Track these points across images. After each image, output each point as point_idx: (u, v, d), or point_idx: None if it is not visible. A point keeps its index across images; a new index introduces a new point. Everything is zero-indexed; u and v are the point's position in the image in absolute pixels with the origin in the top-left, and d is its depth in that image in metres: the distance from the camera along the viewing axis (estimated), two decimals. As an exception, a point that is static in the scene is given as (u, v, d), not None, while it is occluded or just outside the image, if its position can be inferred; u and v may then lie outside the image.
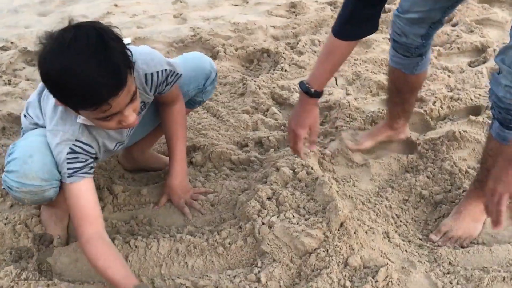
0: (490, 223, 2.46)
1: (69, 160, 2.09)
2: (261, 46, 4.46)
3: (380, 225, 2.49)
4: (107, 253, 2.10)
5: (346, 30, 2.31)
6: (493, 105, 2.23)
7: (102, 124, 1.95)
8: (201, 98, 2.77)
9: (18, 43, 4.64)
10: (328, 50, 2.42)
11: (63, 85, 1.77)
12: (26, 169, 2.08)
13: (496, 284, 2.17)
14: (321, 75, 2.46)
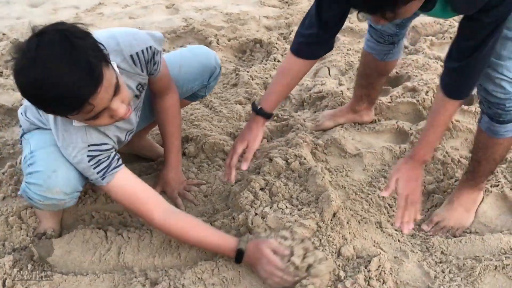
0: (482, 213, 2.50)
1: (93, 165, 2.06)
2: (254, 36, 4.45)
3: (372, 215, 2.50)
4: (189, 223, 2.20)
5: (305, 49, 2.37)
6: (482, 100, 2.24)
7: (95, 123, 1.90)
8: (203, 93, 2.78)
9: (9, 34, 4.62)
10: (282, 69, 2.47)
11: (40, 96, 1.72)
12: (50, 184, 2.05)
13: (488, 273, 2.18)
14: (271, 95, 2.48)
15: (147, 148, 2.95)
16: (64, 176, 2.07)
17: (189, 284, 2.11)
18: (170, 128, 2.59)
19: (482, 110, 2.29)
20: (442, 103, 2.20)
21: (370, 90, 3.10)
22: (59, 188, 2.06)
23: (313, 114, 3.41)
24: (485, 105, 2.24)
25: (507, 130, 2.26)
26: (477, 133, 2.42)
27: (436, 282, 2.16)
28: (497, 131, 2.27)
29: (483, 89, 2.18)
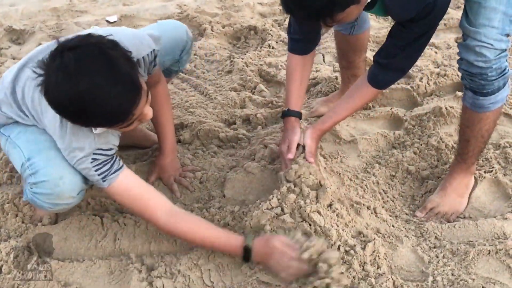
0: (476, 198, 2.51)
1: (95, 167, 2.04)
2: (248, 23, 4.44)
3: (367, 200, 2.51)
4: (193, 223, 2.17)
5: (297, 47, 2.59)
6: (464, 74, 2.28)
7: (124, 129, 1.93)
8: (177, 68, 2.76)
9: (3, 21, 4.59)
10: (289, 70, 2.64)
11: (83, 112, 1.72)
12: (59, 192, 2.05)
13: (481, 258, 2.20)
14: (291, 95, 2.63)
15: (141, 137, 2.95)
16: (71, 182, 2.07)
17: (185, 270, 2.13)
18: (161, 116, 2.58)
19: (465, 85, 2.33)
20: (363, 87, 2.48)
21: (353, 70, 3.13)
22: (69, 194, 2.08)
23: (307, 100, 3.42)
24: (468, 79, 2.27)
25: (491, 102, 2.28)
26: (463, 111, 2.44)
27: (430, 266, 2.18)
28: (481, 104, 2.29)
29: (465, 61, 2.21)
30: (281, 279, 2.09)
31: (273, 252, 2.07)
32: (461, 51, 2.22)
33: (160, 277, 2.09)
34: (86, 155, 2.01)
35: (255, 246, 2.10)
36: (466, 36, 2.18)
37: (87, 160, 2.02)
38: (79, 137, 1.99)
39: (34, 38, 4.30)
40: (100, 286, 2.11)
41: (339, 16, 1.89)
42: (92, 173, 2.04)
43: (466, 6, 2.18)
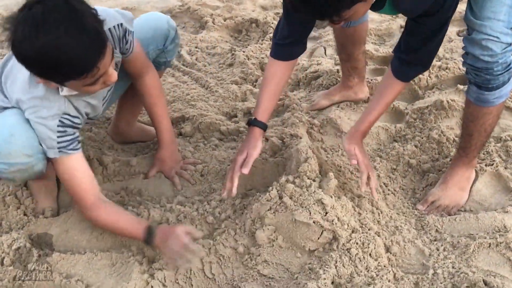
0: (476, 192, 2.52)
1: (59, 133, 2.06)
2: (250, 16, 4.43)
3: (368, 193, 2.51)
4: (114, 212, 2.23)
5: (281, 51, 2.49)
6: (469, 69, 2.27)
7: (89, 89, 1.94)
8: (164, 59, 2.70)
9: (5, 14, 4.57)
10: (266, 77, 2.54)
11: (49, 62, 1.75)
12: (9, 148, 2.03)
13: (482, 251, 2.21)
14: (262, 104, 2.51)
15: (139, 134, 2.93)
16: (22, 137, 2.04)
17: (186, 262, 2.13)
18: (155, 108, 2.58)
19: (470, 80, 2.32)
20: (391, 82, 2.42)
21: (353, 62, 3.12)
22: (20, 152, 2.04)
23: (308, 93, 3.42)
24: (473, 74, 2.26)
25: (495, 97, 2.28)
26: (466, 105, 2.43)
27: (430, 259, 2.19)
28: (486, 99, 2.29)
29: (471, 55, 2.19)
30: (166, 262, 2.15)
31: (171, 235, 2.13)
32: (466, 45, 2.20)
33: (161, 269, 2.10)
34: (52, 115, 2.03)
35: (159, 229, 2.17)
36: (471, 29, 2.16)
37: (53, 121, 2.04)
38: (49, 100, 2.02)
39: (35, 30, 4.29)
40: (102, 278, 2.11)
41: (346, 14, 1.86)
42: (52, 137, 2.05)
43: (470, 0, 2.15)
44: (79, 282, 2.08)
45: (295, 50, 2.51)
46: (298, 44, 2.49)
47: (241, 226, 2.28)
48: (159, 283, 2.05)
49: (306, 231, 2.19)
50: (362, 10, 1.96)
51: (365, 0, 1.88)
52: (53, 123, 2.04)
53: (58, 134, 2.06)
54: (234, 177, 2.35)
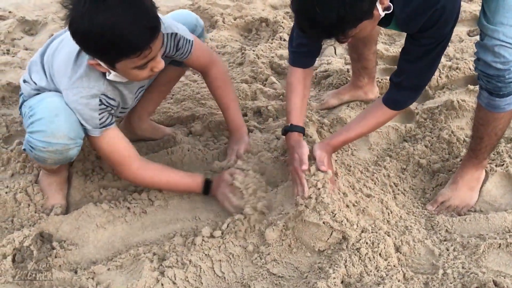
0: (487, 192, 2.51)
1: (100, 111, 2.17)
2: (260, 15, 4.43)
3: (377, 193, 2.52)
4: (157, 170, 2.43)
5: (298, 59, 2.54)
6: (480, 75, 2.25)
7: (137, 73, 2.07)
8: None
9: (16, 12, 4.61)
10: (290, 84, 2.57)
11: (106, 38, 1.87)
12: (53, 128, 2.10)
13: (492, 251, 2.20)
14: (293, 110, 2.53)
15: (149, 130, 2.94)
16: (67, 120, 2.13)
17: (196, 260, 2.14)
18: (222, 100, 2.73)
19: (481, 85, 2.30)
20: (377, 106, 2.43)
21: (364, 62, 3.11)
22: (62, 132, 2.11)
23: (318, 93, 3.43)
24: (484, 80, 2.24)
25: (507, 103, 2.26)
26: (477, 109, 2.42)
27: (440, 259, 2.18)
28: (497, 105, 2.28)
29: (482, 62, 2.18)
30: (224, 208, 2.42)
31: (221, 181, 2.44)
32: (479, 51, 2.18)
33: (171, 267, 2.11)
34: (93, 95, 2.14)
35: (215, 180, 2.46)
36: (484, 34, 2.14)
37: (94, 100, 2.14)
38: (90, 79, 2.13)
39: (46, 29, 4.31)
40: (112, 275, 2.12)
41: (351, 32, 1.89)
42: (94, 115, 2.16)
43: (483, 3, 2.13)
44: (89, 279, 2.09)
45: (311, 57, 2.55)
46: (314, 51, 2.53)
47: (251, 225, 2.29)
48: (169, 281, 2.06)
49: (315, 231, 2.20)
50: (369, 27, 1.97)
51: (371, 18, 1.90)
52: (95, 102, 2.15)
53: (100, 112, 2.17)
54: (302, 179, 2.29)
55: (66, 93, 2.14)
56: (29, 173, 2.62)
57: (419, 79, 2.31)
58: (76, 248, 2.27)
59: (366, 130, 2.49)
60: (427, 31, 2.09)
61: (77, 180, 2.60)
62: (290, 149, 2.46)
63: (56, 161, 2.24)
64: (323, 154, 2.37)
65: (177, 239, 2.27)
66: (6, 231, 2.35)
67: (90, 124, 2.17)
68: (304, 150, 2.38)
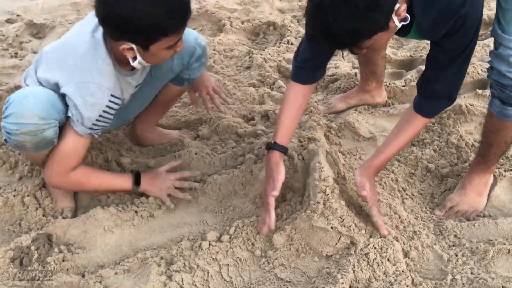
0: (495, 197, 2.49)
1: (100, 118, 2.19)
2: (267, 19, 4.43)
3: (386, 198, 2.51)
4: (93, 170, 2.45)
5: (301, 74, 2.43)
6: (494, 84, 2.23)
7: (165, 54, 2.16)
8: (188, 76, 2.71)
9: (24, 15, 4.62)
10: (287, 100, 2.47)
11: (154, 21, 1.97)
12: (23, 109, 2.09)
13: (501, 257, 2.19)
14: (282, 127, 2.44)
15: (156, 138, 2.93)
16: (36, 100, 2.11)
17: (204, 265, 2.14)
18: None
19: (493, 94, 2.27)
20: (411, 117, 2.34)
21: (372, 67, 3.09)
22: (32, 112, 2.09)
23: (326, 96, 3.42)
24: (497, 89, 2.22)
25: None
26: (488, 116, 2.40)
27: (449, 265, 2.17)
28: (509, 114, 2.25)
29: (496, 71, 2.16)
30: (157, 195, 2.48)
31: (157, 176, 2.49)
32: (493, 60, 2.17)
33: (179, 271, 2.10)
34: (103, 94, 2.17)
35: (144, 174, 2.49)
36: (498, 44, 2.13)
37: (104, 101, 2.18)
38: (103, 74, 2.16)
39: (54, 32, 4.32)
40: (120, 279, 2.13)
41: (365, 44, 1.87)
42: (92, 118, 2.17)
43: (498, 12, 2.11)
44: (97, 283, 2.09)
45: (315, 73, 2.46)
46: (318, 68, 2.45)
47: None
48: (177, 285, 2.06)
49: (323, 236, 2.19)
50: (384, 38, 1.96)
51: (387, 29, 1.87)
52: (104, 102, 2.18)
53: (99, 118, 2.19)
54: (270, 210, 2.26)
55: (77, 86, 2.14)
56: (37, 176, 2.62)
57: (450, 86, 2.24)
58: (84, 251, 2.27)
59: (404, 144, 2.40)
60: (452, 36, 2.04)
61: (84, 183, 2.60)
62: (268, 169, 2.37)
63: (35, 145, 2.17)
64: (364, 179, 2.29)
65: (184, 243, 2.26)
66: (14, 235, 2.35)
67: (79, 119, 2.17)
68: (280, 177, 2.30)
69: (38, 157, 2.30)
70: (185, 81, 2.74)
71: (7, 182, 2.62)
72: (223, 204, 2.50)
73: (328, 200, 2.21)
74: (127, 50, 2.07)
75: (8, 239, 2.33)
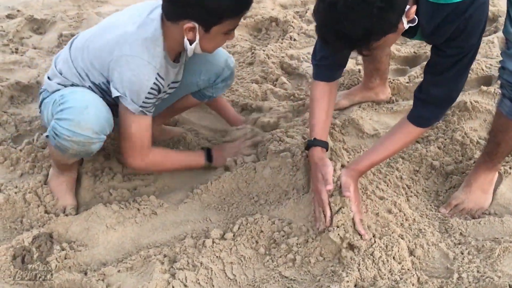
0: (501, 195, 2.48)
1: (149, 93, 2.23)
2: (270, 14, 4.41)
3: (390, 195, 2.49)
4: (166, 151, 2.65)
5: (322, 73, 2.49)
6: (505, 84, 2.21)
7: (221, 40, 2.24)
8: (210, 94, 2.74)
9: (24, 11, 4.60)
10: (314, 98, 2.51)
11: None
12: (81, 119, 2.12)
13: (507, 255, 2.17)
14: (317, 125, 2.47)
15: (159, 135, 2.91)
16: (96, 113, 2.15)
17: (208, 262, 2.12)
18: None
19: (504, 94, 2.25)
20: (404, 126, 2.34)
21: (376, 64, 3.07)
22: (89, 125, 2.13)
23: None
24: (508, 89, 2.20)
25: None
26: (497, 115, 2.37)
27: (455, 263, 2.15)
28: None
29: (508, 71, 2.14)
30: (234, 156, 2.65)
31: (225, 147, 2.74)
32: (505, 60, 2.15)
33: (182, 269, 2.09)
34: (150, 72, 2.20)
35: (213, 149, 2.70)
36: (510, 43, 2.11)
37: (151, 78, 2.21)
38: (151, 52, 2.19)
39: (55, 27, 4.30)
40: (123, 277, 2.11)
41: (376, 45, 1.86)
42: (142, 92, 2.21)
43: (510, 11, 2.08)
44: (100, 281, 2.07)
45: (335, 70, 2.49)
46: (338, 64, 2.49)
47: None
48: (180, 283, 2.04)
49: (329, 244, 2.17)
50: (392, 40, 1.97)
51: (396, 30, 1.86)
52: (151, 80, 2.21)
53: (149, 94, 2.24)
54: (326, 207, 2.20)
55: (126, 60, 2.17)
56: (38, 173, 2.61)
57: (446, 93, 2.23)
58: (86, 249, 2.26)
59: (392, 152, 2.39)
60: (454, 41, 2.04)
61: (86, 180, 2.59)
62: (313, 166, 2.36)
63: (77, 153, 2.23)
64: (349, 180, 2.26)
65: (187, 241, 2.24)
66: (15, 232, 2.34)
67: (131, 97, 2.21)
68: (328, 169, 2.27)
69: (67, 160, 2.35)
70: (205, 97, 2.78)
71: (9, 179, 2.60)
72: (226, 202, 2.48)
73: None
74: (189, 30, 2.12)
75: (10, 236, 2.31)
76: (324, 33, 1.88)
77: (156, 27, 2.18)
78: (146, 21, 2.20)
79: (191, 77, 2.59)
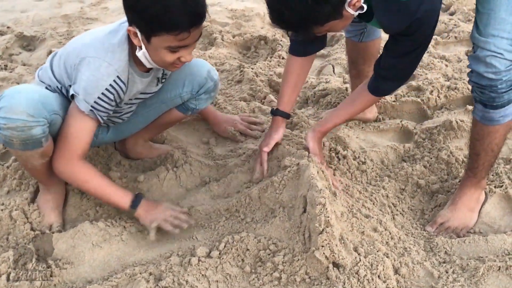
0: (486, 213, 2.49)
1: (104, 94, 2.21)
2: (259, 33, 4.44)
3: (376, 214, 2.50)
4: (99, 175, 2.40)
5: (298, 47, 2.67)
6: (474, 87, 2.29)
7: (166, 56, 2.13)
8: (194, 105, 2.75)
9: (14, 27, 4.62)
10: (286, 71, 2.73)
11: (155, 9, 1.98)
12: (13, 103, 2.08)
13: (491, 274, 2.18)
14: (283, 97, 2.73)
15: (144, 152, 2.92)
16: (27, 96, 2.11)
17: (193, 281, 2.11)
18: None
19: (475, 98, 2.34)
20: (363, 93, 2.58)
21: (363, 79, 3.03)
22: (21, 108, 2.08)
23: (316, 111, 3.42)
24: (478, 92, 2.28)
25: (501, 115, 2.29)
26: (473, 125, 2.44)
27: (439, 282, 2.16)
28: (491, 117, 2.30)
29: (475, 73, 2.23)
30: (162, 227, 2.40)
31: (157, 208, 2.44)
32: (471, 62, 2.23)
33: (168, 287, 2.09)
34: (110, 73, 2.19)
35: (145, 200, 2.44)
36: (476, 47, 2.20)
37: (108, 79, 2.20)
38: (115, 54, 2.19)
39: (44, 44, 4.32)
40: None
41: (320, 30, 2.04)
42: (97, 91, 2.19)
43: (476, 17, 2.20)
44: (85, 299, 2.07)
45: (311, 46, 2.65)
46: (312, 42, 2.61)
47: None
48: (166, 301, 2.03)
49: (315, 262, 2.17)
50: (340, 25, 2.10)
51: (340, 17, 2.01)
52: (107, 80, 2.20)
53: (101, 96, 2.21)
54: (263, 161, 2.64)
55: (88, 61, 2.18)
56: (25, 190, 2.60)
57: (405, 72, 2.48)
58: (72, 267, 2.24)
59: (352, 115, 2.73)
60: (409, 36, 2.21)
61: (73, 197, 2.58)
62: (269, 130, 2.74)
63: (22, 142, 2.15)
64: (315, 144, 2.63)
65: (173, 259, 2.24)
66: (1, 249, 2.32)
67: (83, 92, 2.20)
68: (275, 136, 2.68)
69: (27, 158, 2.27)
70: (189, 110, 2.78)
71: (-5, 196, 2.59)
72: (213, 220, 2.48)
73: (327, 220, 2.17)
74: (133, 35, 2.12)
75: (-5, 254, 2.30)
76: (271, 19, 2.07)
77: (124, 33, 2.21)
78: (117, 28, 2.24)
79: (174, 90, 2.63)
